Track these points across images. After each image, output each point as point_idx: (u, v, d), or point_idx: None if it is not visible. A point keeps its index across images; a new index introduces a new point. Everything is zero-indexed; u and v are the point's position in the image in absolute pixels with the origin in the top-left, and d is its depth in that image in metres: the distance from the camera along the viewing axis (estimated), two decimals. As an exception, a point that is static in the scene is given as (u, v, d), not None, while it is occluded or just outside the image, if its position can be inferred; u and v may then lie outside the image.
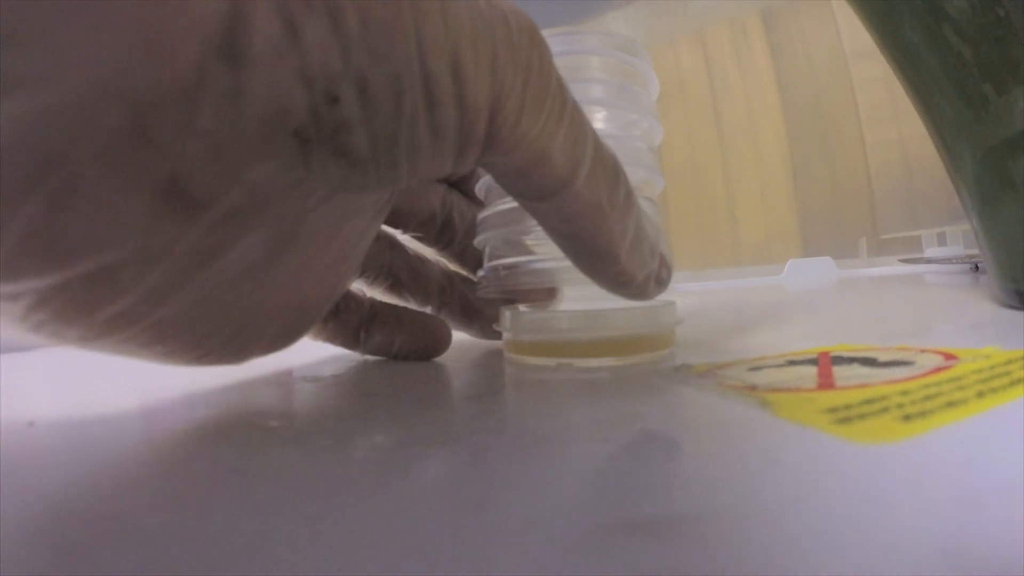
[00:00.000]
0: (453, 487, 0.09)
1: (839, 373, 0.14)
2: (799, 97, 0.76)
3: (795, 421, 0.11)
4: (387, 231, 0.21)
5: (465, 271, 0.23)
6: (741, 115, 0.78)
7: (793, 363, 0.15)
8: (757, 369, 0.15)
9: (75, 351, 0.13)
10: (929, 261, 0.59)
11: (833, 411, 0.11)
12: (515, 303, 0.21)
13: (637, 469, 0.10)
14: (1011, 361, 0.13)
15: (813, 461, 0.09)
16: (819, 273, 0.64)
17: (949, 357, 0.14)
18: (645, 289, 0.15)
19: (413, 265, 0.21)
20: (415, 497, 0.09)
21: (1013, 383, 0.12)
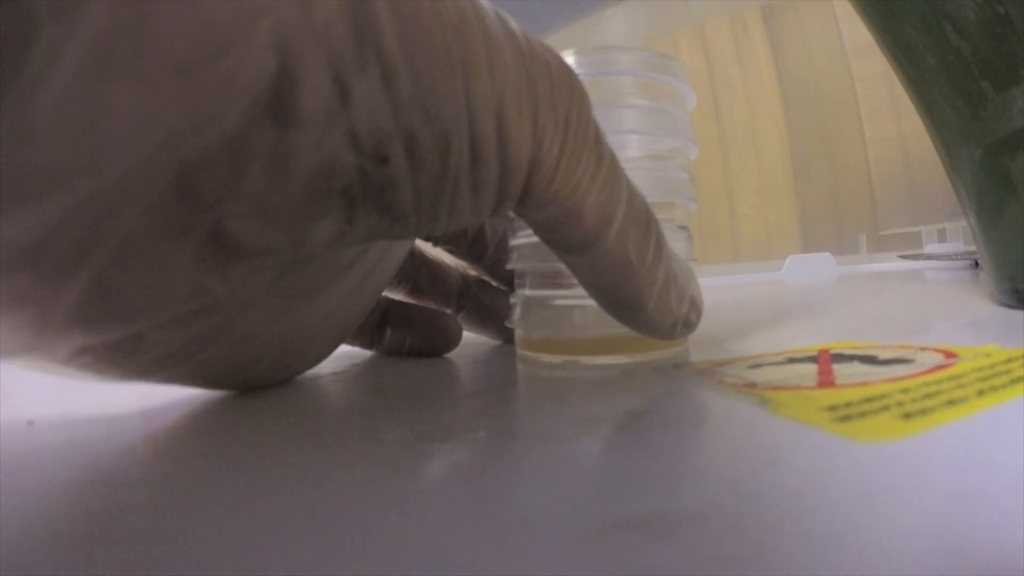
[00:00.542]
0: (454, 484, 0.09)
1: (839, 371, 0.14)
2: (799, 93, 0.76)
3: (795, 419, 0.11)
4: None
5: (496, 282, 0.23)
6: (741, 111, 0.78)
7: (793, 361, 0.15)
8: (757, 367, 0.15)
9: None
10: (929, 257, 0.59)
11: (833, 409, 0.11)
12: None
13: (636, 467, 0.10)
14: (1011, 359, 0.13)
15: (813, 459, 0.09)
16: (819, 269, 0.64)
17: (949, 355, 0.14)
18: (671, 333, 0.15)
19: (432, 271, 0.21)
20: (416, 494, 0.09)
21: (1013, 381, 0.12)
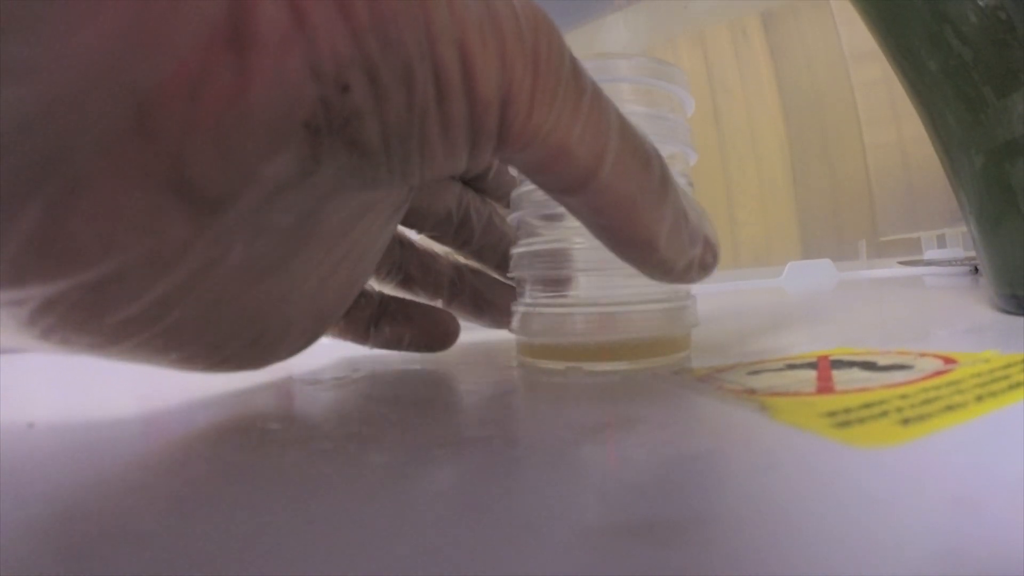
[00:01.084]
0: (454, 490, 0.09)
1: (838, 377, 0.14)
2: (799, 99, 0.76)
3: (794, 425, 0.11)
4: (398, 229, 0.21)
5: (485, 268, 0.23)
6: (740, 117, 0.78)
7: (792, 367, 0.15)
8: (756, 373, 0.15)
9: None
10: (929, 263, 0.59)
11: (832, 415, 0.11)
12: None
13: (636, 473, 0.10)
14: (1010, 365, 0.13)
15: (812, 465, 0.09)
16: (819, 275, 0.64)
17: (948, 361, 0.14)
18: (687, 275, 0.14)
19: (423, 261, 0.21)
20: (416, 501, 0.09)
21: (1012, 387, 0.12)
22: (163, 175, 0.09)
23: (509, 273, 0.20)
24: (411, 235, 0.22)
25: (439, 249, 0.22)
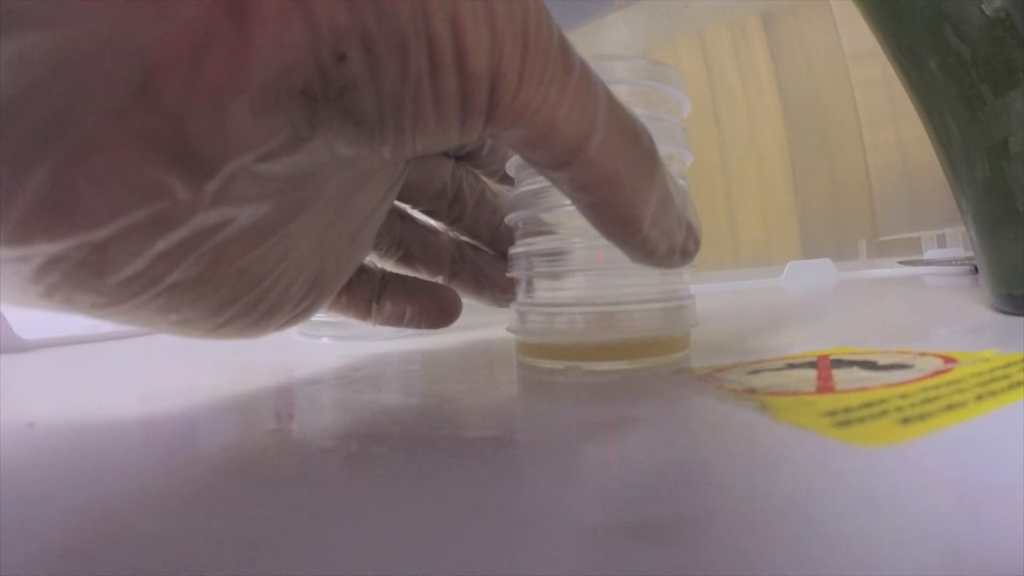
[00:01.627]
0: (454, 489, 0.09)
1: (838, 376, 0.14)
2: (798, 98, 0.76)
3: (794, 424, 0.11)
4: (398, 205, 0.21)
5: (477, 243, 0.23)
6: (740, 116, 0.78)
7: (792, 366, 0.15)
8: (756, 372, 0.15)
9: (74, 352, 0.13)
10: (929, 263, 0.59)
11: (832, 414, 0.11)
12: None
13: (636, 472, 0.10)
14: (1010, 364, 0.13)
15: (812, 464, 0.09)
16: (819, 275, 0.64)
17: (948, 360, 0.14)
18: (670, 260, 0.15)
19: (424, 236, 0.21)
20: (416, 500, 0.09)
21: (1012, 386, 0.12)
22: (165, 139, 0.09)
23: (508, 274, 0.20)
24: (411, 212, 0.22)
25: (439, 226, 0.22)
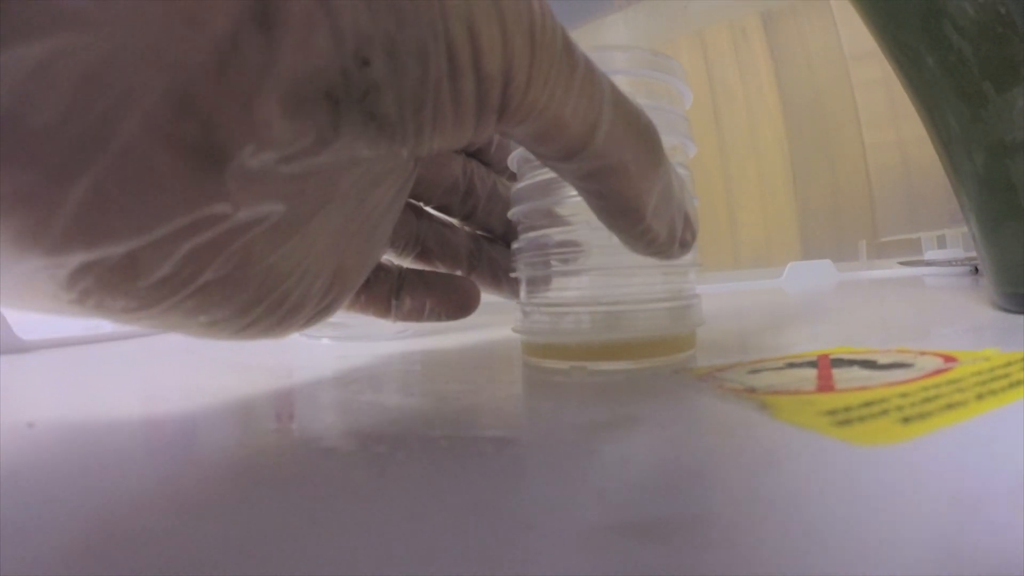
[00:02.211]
0: (455, 488, 0.09)
1: (839, 375, 0.14)
2: (799, 99, 0.76)
3: (794, 423, 0.11)
4: (413, 202, 0.22)
5: (492, 237, 0.23)
6: (741, 117, 0.78)
7: (793, 366, 0.15)
8: (756, 372, 0.15)
9: (74, 353, 0.13)
10: (929, 264, 0.59)
11: (832, 413, 0.11)
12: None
13: (637, 472, 0.10)
14: (1010, 363, 0.13)
15: (813, 463, 0.09)
16: (819, 276, 0.64)
17: (948, 359, 0.14)
18: (669, 250, 0.15)
19: (441, 232, 0.22)
20: (415, 499, 0.09)
21: (1012, 385, 0.12)
22: (196, 144, 0.10)
23: (512, 274, 0.20)
24: (427, 209, 0.22)
25: (455, 222, 0.22)
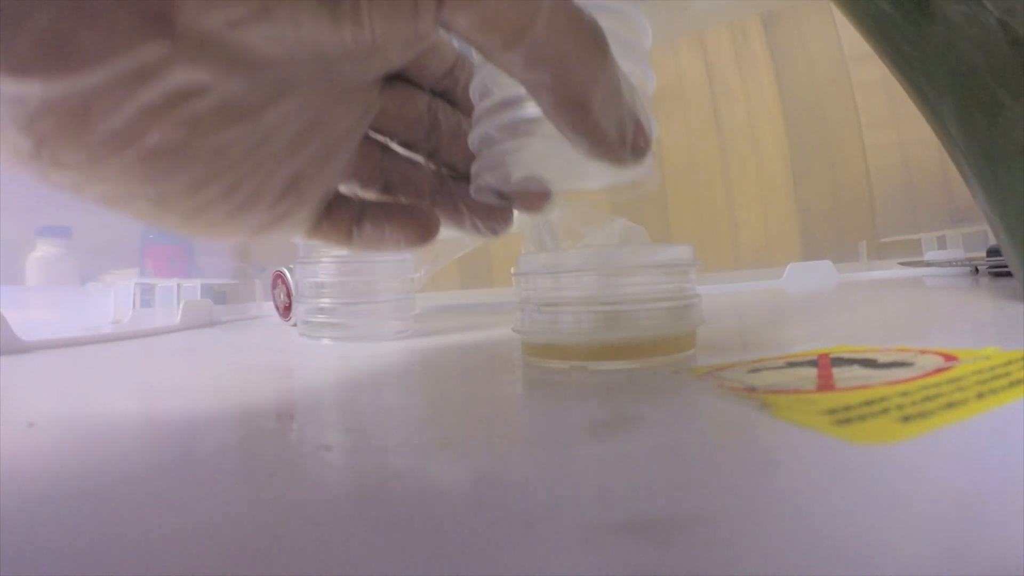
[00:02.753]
0: (457, 487, 0.09)
1: (839, 374, 0.14)
2: (799, 100, 0.76)
3: (795, 422, 0.11)
4: (377, 138, 0.22)
5: (456, 175, 0.23)
6: (741, 118, 0.78)
7: (793, 365, 0.15)
8: (757, 371, 0.15)
9: (74, 353, 0.13)
10: (929, 264, 0.59)
11: (833, 412, 0.11)
12: (509, 203, 0.21)
13: (638, 470, 0.10)
14: (1011, 362, 0.13)
15: (813, 462, 0.09)
16: (819, 276, 0.64)
17: (949, 358, 0.14)
18: (620, 152, 0.15)
19: (404, 167, 0.22)
20: (415, 499, 0.09)
21: (1013, 384, 0.12)
22: (146, 3, 0.11)
23: (513, 273, 0.20)
24: (392, 146, 0.22)
25: (420, 159, 0.23)
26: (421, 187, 0.22)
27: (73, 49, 0.11)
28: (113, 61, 0.11)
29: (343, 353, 0.25)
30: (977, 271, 0.48)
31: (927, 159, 0.69)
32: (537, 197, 0.21)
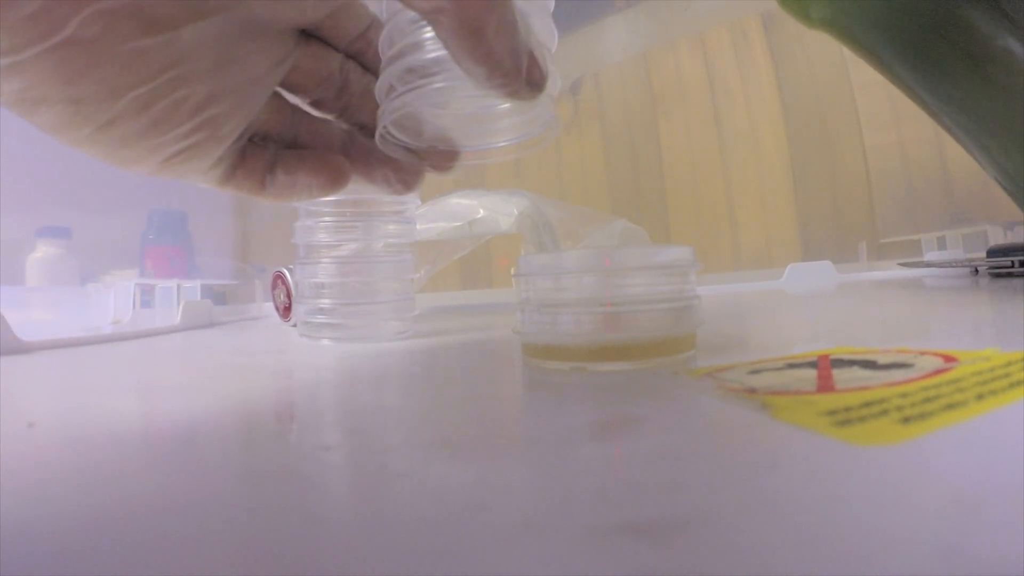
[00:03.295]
0: (457, 488, 0.09)
1: (839, 376, 0.14)
2: (799, 101, 0.76)
3: (795, 423, 0.11)
4: (289, 100, 0.22)
5: (365, 135, 0.24)
6: (741, 119, 0.78)
7: (793, 366, 0.15)
8: (756, 372, 0.15)
9: (74, 354, 0.13)
10: (929, 265, 0.59)
11: (832, 413, 0.11)
12: (417, 157, 0.21)
13: (637, 472, 0.10)
14: (1011, 363, 0.13)
15: (813, 463, 0.09)
16: (819, 277, 0.64)
17: (949, 359, 0.14)
18: (516, 82, 0.16)
19: (314, 124, 0.23)
20: (415, 499, 0.09)
21: (1012, 385, 0.12)
22: None
23: (513, 274, 0.20)
24: (304, 107, 0.23)
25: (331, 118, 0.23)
26: (331, 139, 0.23)
27: None
28: None
29: (343, 354, 0.25)
30: (977, 272, 0.48)
31: (927, 159, 0.69)
32: (445, 156, 0.22)
